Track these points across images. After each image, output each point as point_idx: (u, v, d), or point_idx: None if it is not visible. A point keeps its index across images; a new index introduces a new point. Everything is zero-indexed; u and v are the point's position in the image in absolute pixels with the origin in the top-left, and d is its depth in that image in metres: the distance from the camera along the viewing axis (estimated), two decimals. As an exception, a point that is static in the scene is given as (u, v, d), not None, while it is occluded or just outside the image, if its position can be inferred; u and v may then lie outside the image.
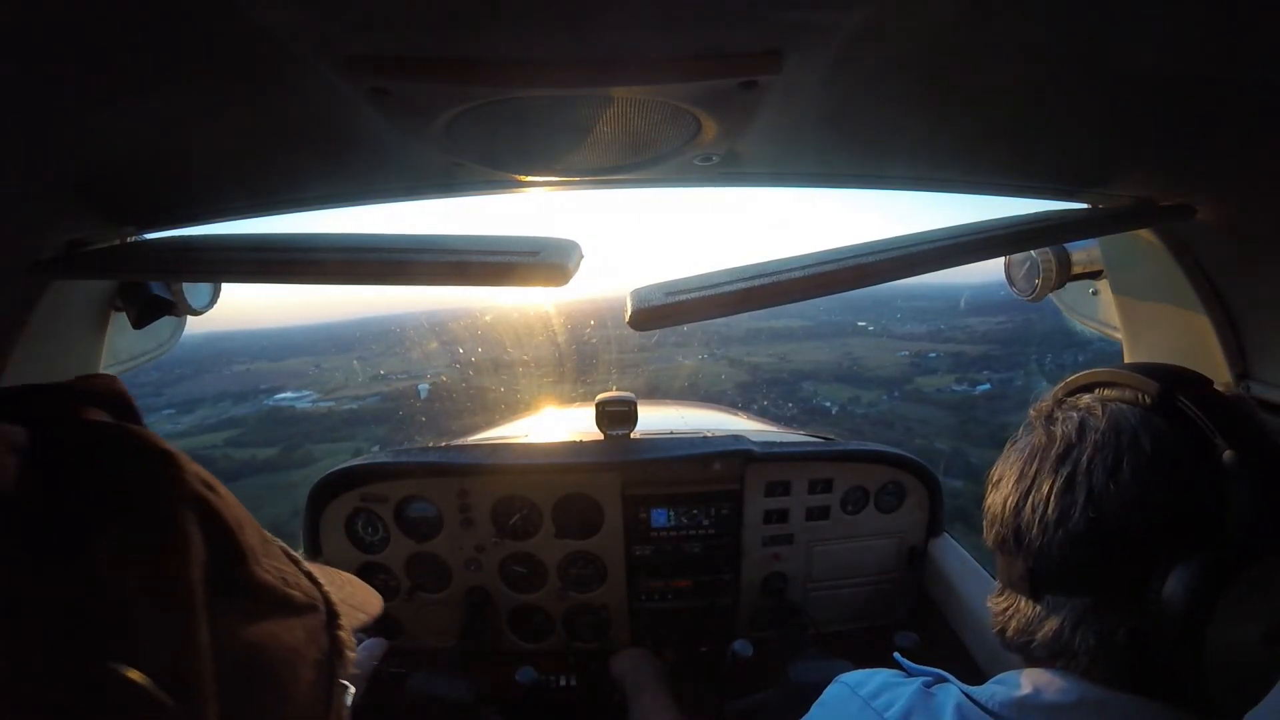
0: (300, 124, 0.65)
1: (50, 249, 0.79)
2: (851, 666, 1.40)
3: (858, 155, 0.86)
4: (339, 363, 30.89)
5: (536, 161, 0.78)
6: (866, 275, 0.73)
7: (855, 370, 30.60)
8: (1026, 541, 0.56)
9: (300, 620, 0.43)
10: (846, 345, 33.75)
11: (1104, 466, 0.52)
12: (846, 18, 0.45)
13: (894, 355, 31.65)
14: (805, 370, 31.91)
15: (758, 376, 30.73)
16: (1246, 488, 0.48)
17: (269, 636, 0.40)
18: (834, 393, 28.16)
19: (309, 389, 28.00)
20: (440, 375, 24.63)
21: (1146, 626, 0.49)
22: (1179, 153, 0.72)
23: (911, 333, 34.37)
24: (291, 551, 0.47)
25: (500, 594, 1.67)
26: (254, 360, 31.78)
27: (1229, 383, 0.89)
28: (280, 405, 26.13)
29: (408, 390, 25.06)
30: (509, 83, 0.51)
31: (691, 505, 1.63)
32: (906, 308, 36.02)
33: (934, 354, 30.86)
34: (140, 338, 1.08)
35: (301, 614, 0.44)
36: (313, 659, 0.44)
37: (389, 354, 30.02)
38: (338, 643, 0.47)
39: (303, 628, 0.43)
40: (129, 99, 0.53)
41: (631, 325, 0.69)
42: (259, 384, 28.53)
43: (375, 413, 24.06)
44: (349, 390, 27.21)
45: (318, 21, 0.43)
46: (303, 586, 0.45)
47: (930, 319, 34.41)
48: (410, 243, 0.72)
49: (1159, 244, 0.92)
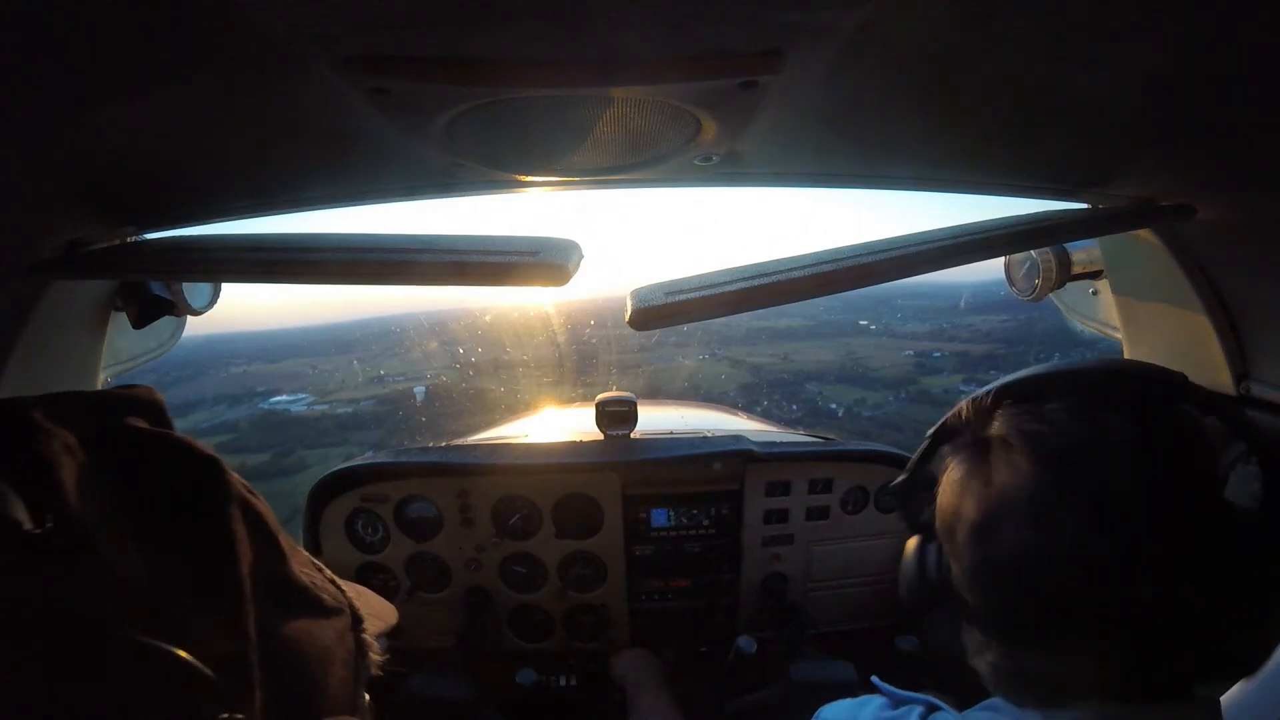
0: (300, 124, 0.65)
1: (50, 249, 0.79)
2: (851, 666, 1.40)
3: (858, 155, 0.86)
4: (337, 364, 30.67)
5: (536, 161, 0.78)
6: (866, 275, 0.73)
7: (860, 371, 30.12)
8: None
9: (330, 622, 0.46)
10: (849, 345, 33.34)
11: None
12: (846, 18, 0.45)
13: (898, 355, 31.23)
14: (809, 371, 31.45)
15: (761, 378, 30.31)
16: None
17: (305, 633, 0.43)
18: (839, 394, 27.66)
19: (305, 391, 27.82)
20: (439, 377, 24.33)
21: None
22: (1179, 153, 0.72)
23: (914, 332, 33.99)
24: (315, 560, 0.50)
25: (500, 594, 1.67)
26: (251, 362, 31.56)
27: (1229, 383, 0.90)
28: (275, 409, 25.92)
29: (404, 393, 24.66)
30: (509, 83, 0.51)
31: (691, 505, 1.63)
32: (907, 306, 35.63)
33: (938, 353, 30.40)
34: (140, 338, 1.08)
35: (330, 616, 0.47)
36: (342, 657, 0.46)
37: (387, 355, 29.73)
38: (363, 645, 0.50)
39: (333, 629, 0.46)
40: (129, 99, 0.53)
41: (632, 325, 0.69)
42: (255, 386, 28.35)
43: (371, 416, 23.80)
44: (345, 393, 26.97)
45: (318, 21, 0.43)
46: (330, 591, 0.48)
47: (932, 317, 34.01)
48: (410, 243, 0.72)
49: (1159, 244, 0.92)
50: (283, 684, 0.39)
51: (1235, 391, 0.89)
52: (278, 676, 0.39)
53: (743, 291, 0.69)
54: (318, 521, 1.62)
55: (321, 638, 0.44)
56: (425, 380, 25.72)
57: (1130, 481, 0.47)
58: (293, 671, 0.41)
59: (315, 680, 0.43)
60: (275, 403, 26.57)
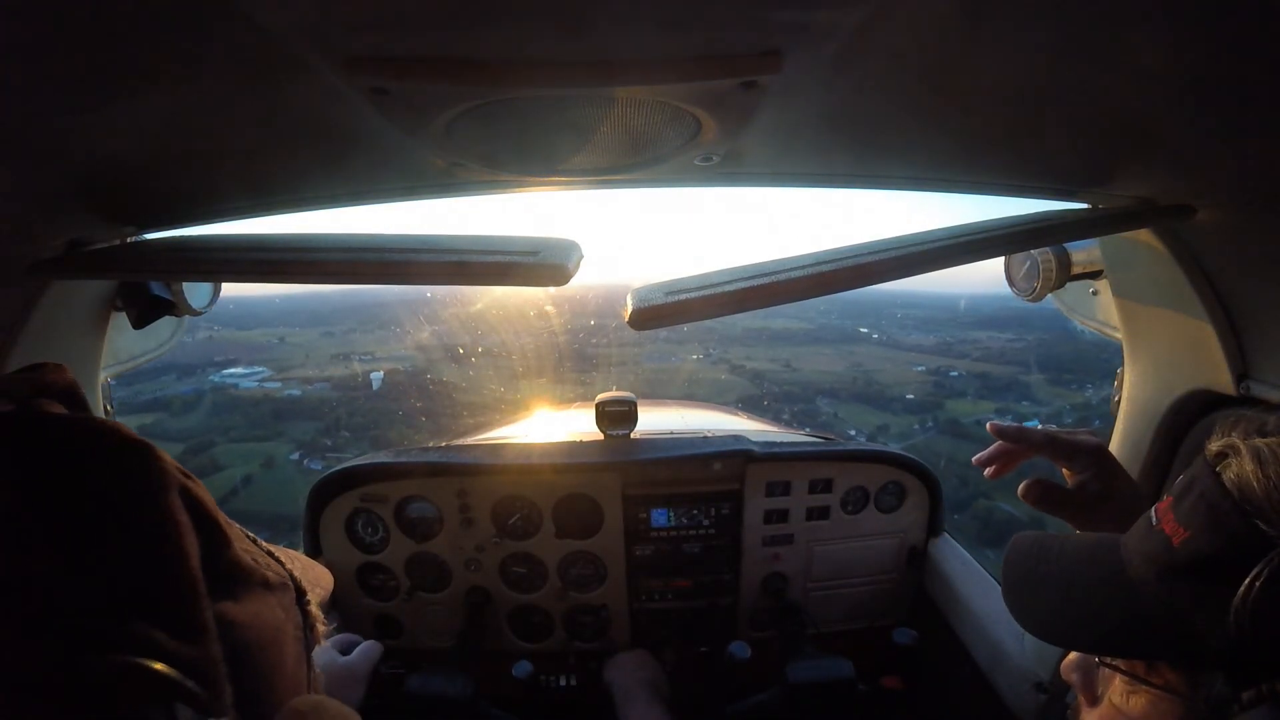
0: (300, 124, 0.65)
1: (50, 249, 0.79)
2: (850, 664, 1.40)
3: (858, 155, 0.86)
4: (308, 337, 28.65)
5: (536, 161, 0.78)
6: (866, 275, 0.73)
7: (875, 389, 27.64)
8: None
9: (276, 598, 0.45)
10: (853, 354, 31.58)
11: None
12: (846, 18, 0.45)
13: (910, 370, 29.28)
14: (817, 383, 29.19)
15: (765, 388, 27.97)
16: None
17: (255, 616, 0.41)
18: (856, 416, 25.07)
19: (264, 365, 25.67)
20: (398, 365, 22.85)
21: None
22: (1179, 153, 0.72)
23: (919, 344, 32.37)
24: (249, 533, 0.48)
25: (500, 594, 1.67)
26: (222, 328, 28.51)
27: (1229, 383, 0.89)
28: (224, 384, 23.54)
29: (364, 376, 23.01)
30: (509, 83, 0.51)
31: (691, 505, 1.63)
32: (907, 315, 34.31)
33: (956, 372, 28.03)
34: (140, 338, 1.08)
35: (276, 591, 0.45)
36: (292, 633, 0.45)
37: (360, 330, 28.05)
38: (309, 616, 0.49)
39: (279, 605, 0.45)
40: (129, 99, 0.53)
41: (631, 325, 0.69)
42: (214, 355, 25.58)
43: (316, 403, 21.93)
44: (302, 371, 25.18)
45: (318, 21, 0.43)
46: (272, 566, 0.46)
47: (935, 328, 32.62)
48: (410, 243, 0.72)
49: (1159, 244, 0.92)
50: (243, 673, 0.38)
51: (1235, 391, 0.89)
52: (237, 666, 0.37)
53: (742, 291, 0.69)
54: (317, 521, 1.62)
55: (271, 617, 0.43)
56: (391, 363, 24.28)
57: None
58: (250, 659, 0.40)
59: (273, 663, 0.42)
60: (228, 375, 24.29)
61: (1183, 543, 0.47)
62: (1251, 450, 0.45)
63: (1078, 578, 0.56)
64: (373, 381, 23.02)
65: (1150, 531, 0.51)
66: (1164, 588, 0.48)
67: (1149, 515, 0.52)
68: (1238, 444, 0.47)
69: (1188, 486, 0.49)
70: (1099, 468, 0.81)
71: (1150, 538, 0.50)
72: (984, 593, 1.51)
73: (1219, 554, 0.44)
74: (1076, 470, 0.83)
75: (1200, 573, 0.46)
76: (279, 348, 28.30)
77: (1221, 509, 0.45)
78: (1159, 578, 0.48)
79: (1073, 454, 0.83)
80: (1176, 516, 0.48)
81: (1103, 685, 0.57)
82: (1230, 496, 0.44)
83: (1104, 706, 0.55)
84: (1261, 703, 0.42)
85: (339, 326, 29.47)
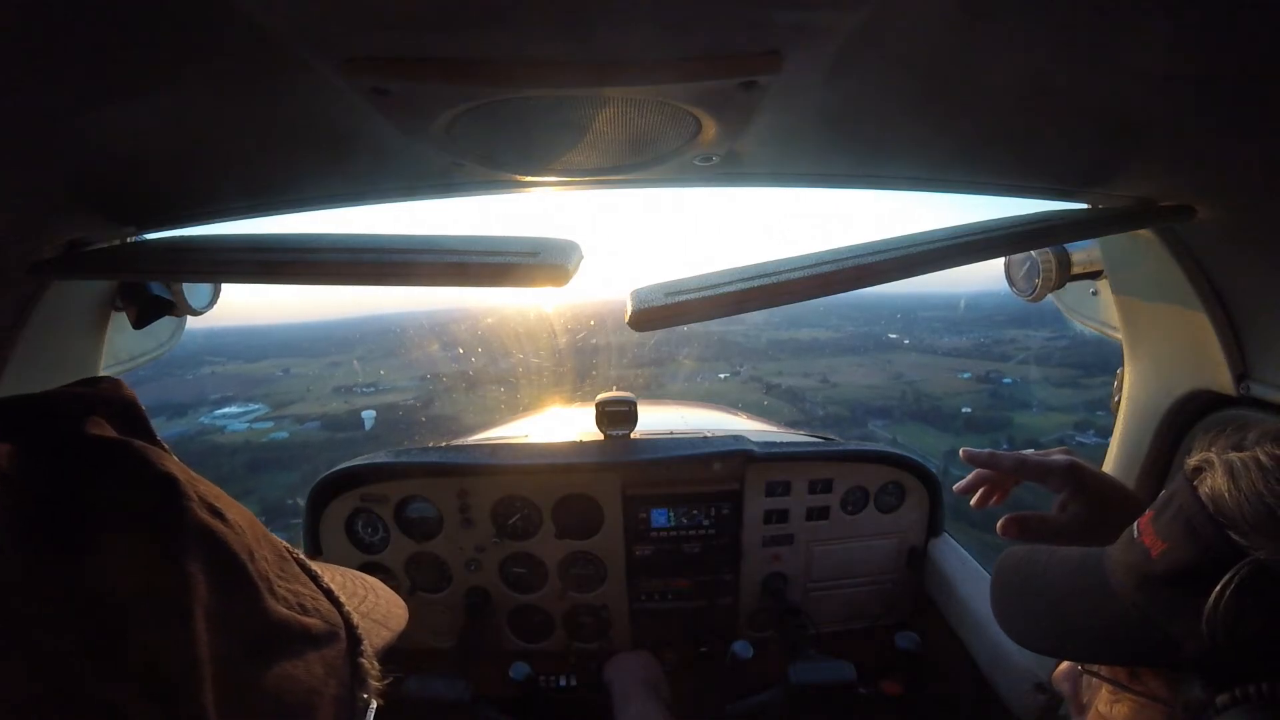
0: (300, 124, 0.65)
1: (50, 249, 0.79)
2: (852, 666, 1.40)
3: (858, 155, 0.86)
4: (312, 368, 28.09)
5: (537, 161, 0.78)
6: (866, 275, 0.73)
7: (925, 403, 24.28)
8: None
9: (319, 654, 0.39)
10: (891, 363, 28.76)
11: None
12: (846, 18, 0.45)
13: (955, 377, 26.32)
14: (865, 400, 25.71)
15: (807, 411, 24.18)
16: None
17: (285, 679, 0.36)
18: (917, 438, 21.14)
19: (263, 402, 24.96)
20: (400, 397, 21.86)
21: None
22: (1179, 153, 0.72)
23: (955, 346, 29.85)
24: (309, 565, 0.43)
25: (500, 594, 1.67)
26: (231, 360, 28.20)
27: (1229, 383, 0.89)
28: (210, 427, 22.58)
29: (355, 415, 21.91)
30: (509, 83, 0.51)
31: (691, 505, 1.63)
32: (931, 317, 32.13)
33: (1009, 379, 24.59)
34: (140, 338, 1.08)
35: (320, 645, 0.39)
36: (332, 694, 0.39)
37: (370, 358, 27.56)
38: (360, 671, 0.43)
39: (321, 661, 0.39)
40: (129, 99, 0.53)
41: (631, 326, 0.69)
42: (211, 393, 24.83)
43: (299, 448, 20.71)
44: (299, 407, 24.32)
45: (318, 21, 0.43)
46: (322, 610, 0.41)
47: (965, 329, 29.77)
48: (410, 243, 0.72)
49: (1159, 244, 0.92)
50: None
51: (1235, 391, 0.89)
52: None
53: (742, 292, 0.69)
54: (318, 522, 1.62)
55: (306, 679, 0.38)
56: (395, 393, 23.49)
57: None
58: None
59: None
60: (219, 416, 23.28)
61: (1161, 554, 0.49)
62: (1225, 465, 0.47)
63: (1063, 588, 0.58)
64: (364, 420, 21.98)
65: (1132, 544, 0.52)
66: (1143, 597, 0.50)
67: (1132, 529, 0.54)
68: (1213, 458, 0.48)
69: (1167, 500, 0.51)
70: (1075, 485, 0.82)
71: (1131, 549, 0.52)
72: (984, 593, 1.50)
73: (1195, 564, 0.46)
74: (1053, 490, 0.83)
75: (1177, 582, 0.47)
76: (282, 380, 27.50)
77: (1197, 521, 0.46)
78: (1139, 587, 0.50)
79: (1045, 475, 0.84)
80: (1156, 529, 0.50)
81: (1089, 694, 0.59)
82: (1205, 509, 0.46)
83: (1091, 714, 0.57)
84: (1236, 705, 0.44)
85: (347, 355, 28.58)
